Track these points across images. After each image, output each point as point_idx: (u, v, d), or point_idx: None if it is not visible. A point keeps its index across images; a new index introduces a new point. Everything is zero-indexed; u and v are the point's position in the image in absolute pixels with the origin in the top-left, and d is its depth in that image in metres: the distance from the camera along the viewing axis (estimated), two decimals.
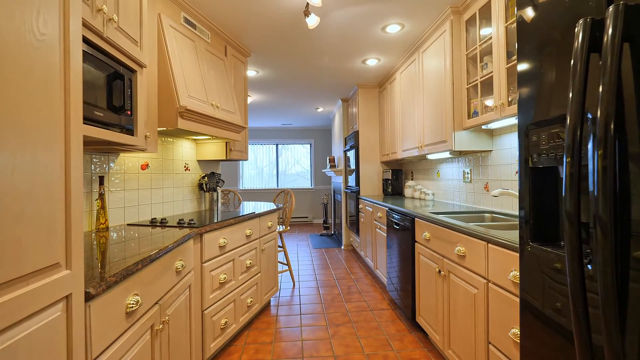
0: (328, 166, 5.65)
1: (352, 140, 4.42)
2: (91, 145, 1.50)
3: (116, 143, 1.45)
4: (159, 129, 1.93)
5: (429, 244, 2.06)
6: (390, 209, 2.83)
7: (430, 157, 3.02)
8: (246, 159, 3.01)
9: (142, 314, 1.14)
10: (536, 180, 0.94)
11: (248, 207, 2.95)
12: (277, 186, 7.87)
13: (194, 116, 1.98)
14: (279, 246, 3.49)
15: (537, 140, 0.91)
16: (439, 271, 1.92)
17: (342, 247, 5.04)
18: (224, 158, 2.69)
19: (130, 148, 1.63)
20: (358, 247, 4.34)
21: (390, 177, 3.99)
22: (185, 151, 2.62)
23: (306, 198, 7.87)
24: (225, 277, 2.03)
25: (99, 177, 1.75)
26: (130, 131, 1.44)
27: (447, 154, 2.70)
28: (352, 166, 4.50)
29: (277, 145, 7.90)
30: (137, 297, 1.08)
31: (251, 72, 3.68)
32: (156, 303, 1.26)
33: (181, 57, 2.01)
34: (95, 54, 1.23)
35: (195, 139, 2.68)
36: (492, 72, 1.98)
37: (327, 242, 5.57)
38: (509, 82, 1.91)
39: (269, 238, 2.77)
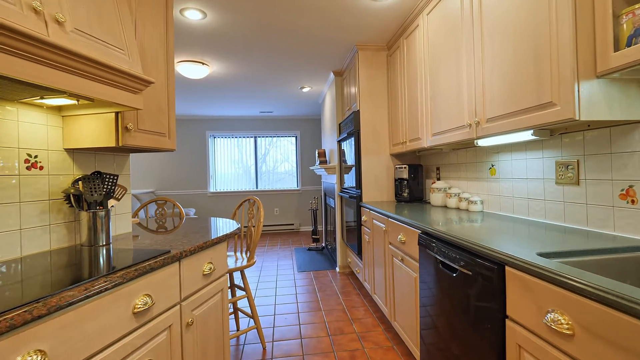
0: (317, 162, 4.39)
1: (350, 126, 3.17)
2: None
3: None
4: None
5: (574, 346, 0.83)
6: (427, 234, 1.59)
7: (482, 143, 1.80)
8: (171, 149, 1.73)
9: None
10: None
11: (185, 230, 1.67)
12: (257, 187, 6.58)
13: None
14: (241, 288, 2.21)
15: None
16: None
17: (337, 268, 3.80)
18: (112, 144, 1.40)
19: None
20: (359, 273, 3.11)
21: (406, 176, 2.76)
22: (33, 130, 1.32)
23: (291, 201, 6.60)
24: None
25: None
26: None
27: (527, 135, 1.48)
28: (350, 161, 3.26)
29: (255, 137, 6.59)
30: None
31: (193, 14, 2.38)
32: None
33: None
34: None
35: (56, 106, 1.39)
36: None
37: (316, 260, 4.32)
38: None
39: (205, 295, 1.49)
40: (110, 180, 1.54)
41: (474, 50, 1.67)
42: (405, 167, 2.77)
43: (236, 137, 6.54)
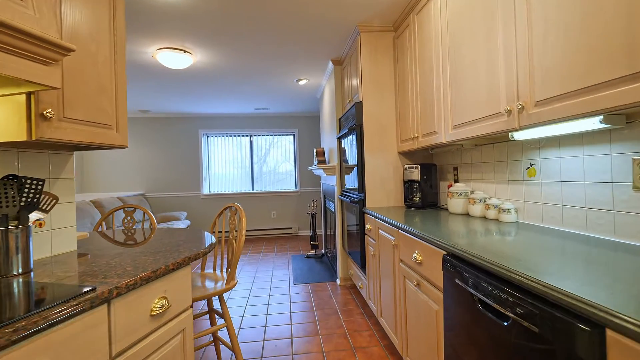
0: (315, 162, 4.00)
1: (351, 120, 2.78)
2: None
3: None
4: None
5: None
6: (456, 258, 1.19)
7: (521, 135, 1.40)
8: (120, 145, 1.33)
9: None
10: None
11: (142, 249, 1.28)
12: (252, 189, 6.19)
13: None
14: (219, 315, 1.82)
15: None
16: None
17: (338, 280, 3.40)
18: (23, 138, 1.01)
19: None
20: (363, 289, 2.71)
21: (418, 178, 2.36)
22: None
23: (289, 204, 6.21)
24: None
25: None
26: None
27: (593, 123, 1.09)
28: (352, 161, 2.87)
29: (250, 136, 6.20)
30: None
31: None
32: None
33: None
34: None
35: None
36: None
37: (315, 270, 3.93)
38: None
39: (155, 344, 1.09)
40: (33, 186, 1.16)
41: (515, 11, 1.27)
42: (416, 167, 2.38)
43: (231, 136, 6.15)
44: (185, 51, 2.99)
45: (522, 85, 1.24)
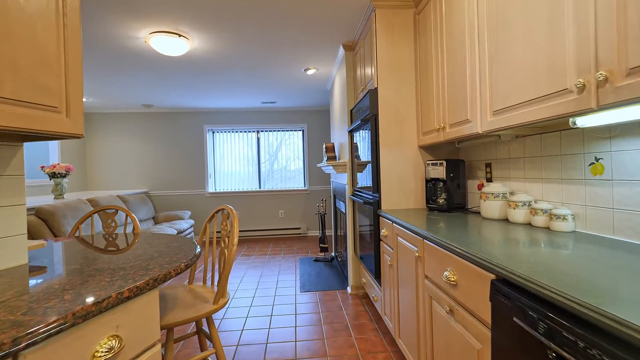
0: (324, 158, 3.69)
1: (365, 111, 2.45)
2: None
3: None
4: None
5: None
6: (516, 288, 0.87)
7: (586, 121, 1.06)
8: (72, 134, 1.05)
9: None
10: None
11: (108, 264, 1.00)
12: (259, 187, 5.93)
13: None
14: (207, 339, 1.54)
15: None
16: None
17: (349, 289, 3.09)
18: None
19: None
20: (377, 301, 2.40)
21: (443, 176, 2.02)
22: None
23: (298, 203, 5.92)
24: None
25: None
26: None
27: None
28: (364, 156, 2.55)
29: (257, 132, 5.93)
30: None
31: None
32: None
33: None
34: None
35: None
36: None
37: (324, 275, 3.62)
38: None
39: None
40: None
41: None
42: (441, 164, 2.04)
43: (237, 132, 5.90)
44: (180, 35, 2.72)
45: (604, 48, 0.90)
